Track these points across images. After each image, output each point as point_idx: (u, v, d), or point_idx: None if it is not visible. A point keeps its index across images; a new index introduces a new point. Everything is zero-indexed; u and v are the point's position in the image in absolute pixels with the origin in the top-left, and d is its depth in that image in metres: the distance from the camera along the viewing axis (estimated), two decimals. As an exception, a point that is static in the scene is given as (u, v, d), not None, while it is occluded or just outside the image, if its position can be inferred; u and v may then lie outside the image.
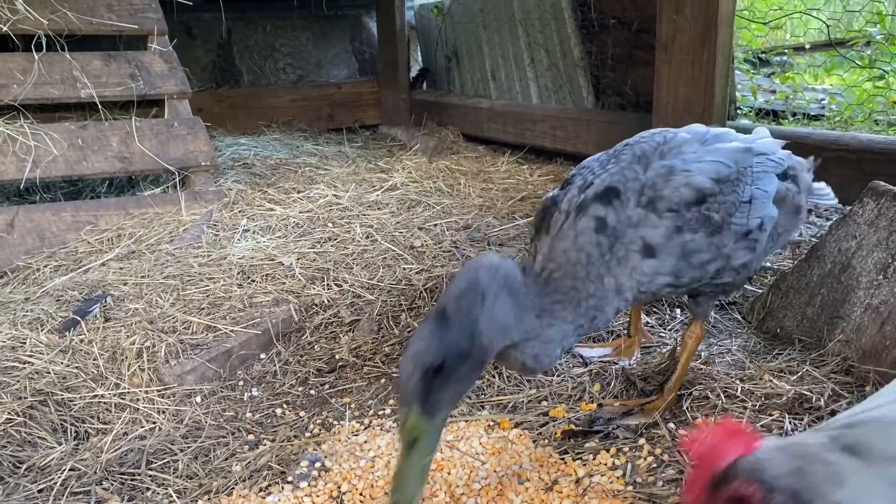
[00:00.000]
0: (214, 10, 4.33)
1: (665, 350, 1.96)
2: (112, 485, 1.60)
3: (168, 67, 3.43)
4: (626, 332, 2.05)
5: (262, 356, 2.14)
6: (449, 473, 1.54)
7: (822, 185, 1.92)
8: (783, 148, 1.78)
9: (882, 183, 1.89)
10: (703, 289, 1.60)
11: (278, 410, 1.89)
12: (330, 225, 2.94)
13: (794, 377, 1.72)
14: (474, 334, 1.29)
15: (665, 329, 2.13)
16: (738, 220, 1.54)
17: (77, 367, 1.95)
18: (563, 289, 1.47)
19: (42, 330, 2.14)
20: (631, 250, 1.47)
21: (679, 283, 1.52)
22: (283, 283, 2.41)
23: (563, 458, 1.57)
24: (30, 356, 1.98)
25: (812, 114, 4.53)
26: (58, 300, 2.34)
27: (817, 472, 0.79)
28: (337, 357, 2.09)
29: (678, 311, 2.23)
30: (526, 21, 4.20)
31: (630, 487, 1.45)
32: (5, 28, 3.09)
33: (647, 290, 1.51)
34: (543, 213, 1.58)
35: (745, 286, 2.30)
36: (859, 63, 4.41)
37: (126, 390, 1.90)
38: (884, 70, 4.19)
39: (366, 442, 1.68)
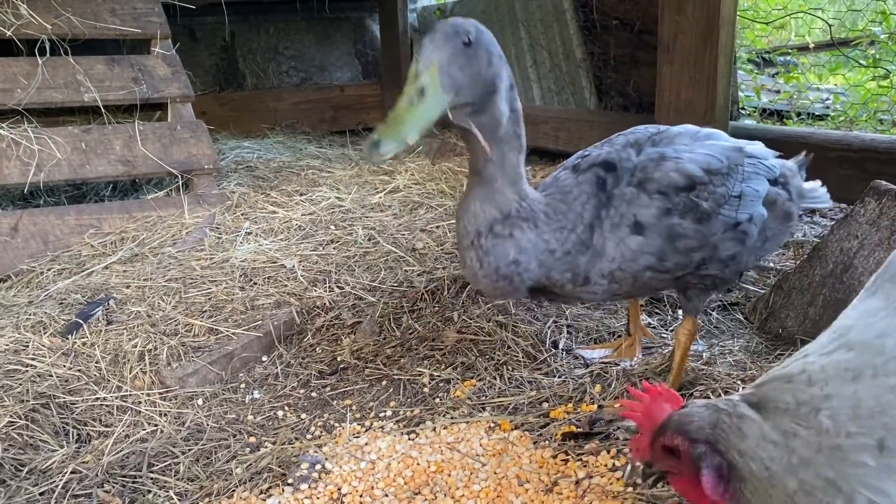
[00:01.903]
0: (217, 14, 4.34)
1: (666, 351, 1.96)
2: (113, 487, 1.60)
3: (171, 71, 3.44)
4: (626, 331, 2.04)
5: (264, 358, 2.14)
6: (449, 475, 1.54)
7: (816, 184, 1.91)
8: (778, 158, 1.80)
9: (884, 182, 1.89)
10: (689, 280, 1.60)
11: (279, 413, 1.89)
12: (332, 227, 2.94)
13: (796, 378, 1.71)
14: (496, 47, 1.42)
15: (667, 330, 2.13)
16: (727, 212, 1.57)
17: (79, 370, 1.96)
18: (553, 205, 1.53)
19: (45, 333, 2.14)
20: (623, 223, 1.52)
21: (662, 268, 1.54)
22: (285, 286, 2.42)
23: (564, 460, 1.56)
24: (32, 359, 1.99)
25: (816, 113, 4.52)
26: (61, 303, 2.34)
27: (729, 426, 0.90)
28: (338, 359, 2.09)
29: (680, 311, 2.22)
30: (528, 22, 4.20)
31: (630, 489, 1.44)
32: (9, 33, 3.11)
33: (627, 270, 1.53)
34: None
35: (747, 286, 2.29)
36: (863, 63, 4.40)
37: (128, 393, 1.91)
38: (887, 70, 4.18)
39: (366, 444, 1.68)
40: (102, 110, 3.21)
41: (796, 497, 0.83)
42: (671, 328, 2.14)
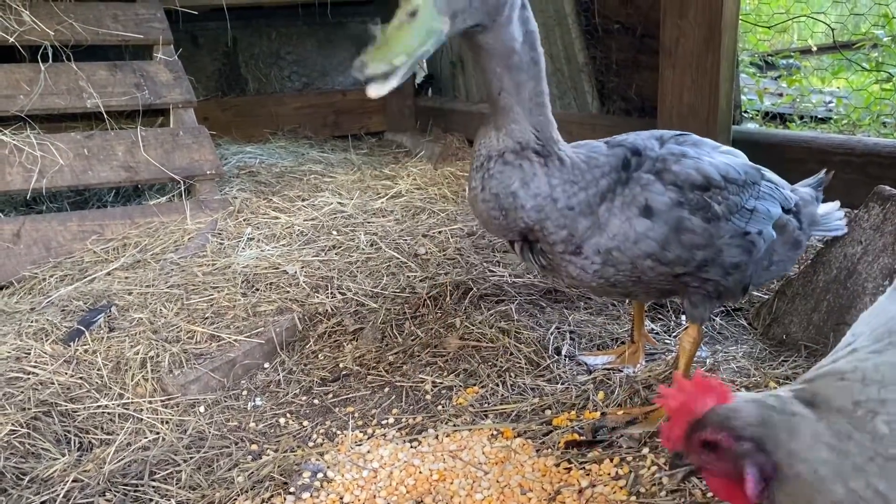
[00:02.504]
0: (220, 19, 4.33)
1: (670, 357, 1.95)
2: (115, 496, 1.60)
3: (173, 77, 3.44)
4: (629, 338, 2.04)
5: (266, 365, 2.14)
6: (452, 483, 1.53)
7: (834, 206, 1.91)
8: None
9: (887, 187, 1.88)
10: (689, 282, 1.59)
11: (282, 420, 1.89)
12: (334, 233, 2.94)
13: (800, 384, 1.70)
14: None
15: (670, 336, 2.12)
16: (738, 220, 1.58)
17: (81, 378, 1.96)
18: (577, 161, 1.54)
19: (47, 340, 2.14)
20: (634, 204, 1.53)
21: (663, 258, 1.54)
22: (287, 292, 2.42)
23: (567, 468, 1.56)
24: (34, 366, 1.99)
25: (819, 116, 4.51)
26: (63, 310, 2.34)
27: (778, 424, 0.85)
28: (341, 366, 2.09)
29: (683, 317, 2.21)
30: (530, 27, 4.20)
31: (633, 497, 1.44)
32: (12, 39, 3.11)
33: (626, 253, 1.52)
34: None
35: (751, 291, 2.28)
36: (866, 66, 4.39)
37: (130, 400, 1.90)
38: (890, 73, 4.17)
39: (368, 452, 1.67)
40: (105, 116, 3.21)
41: (864, 494, 0.79)
42: (674, 334, 2.13)
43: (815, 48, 5.40)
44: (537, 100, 1.49)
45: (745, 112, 4.40)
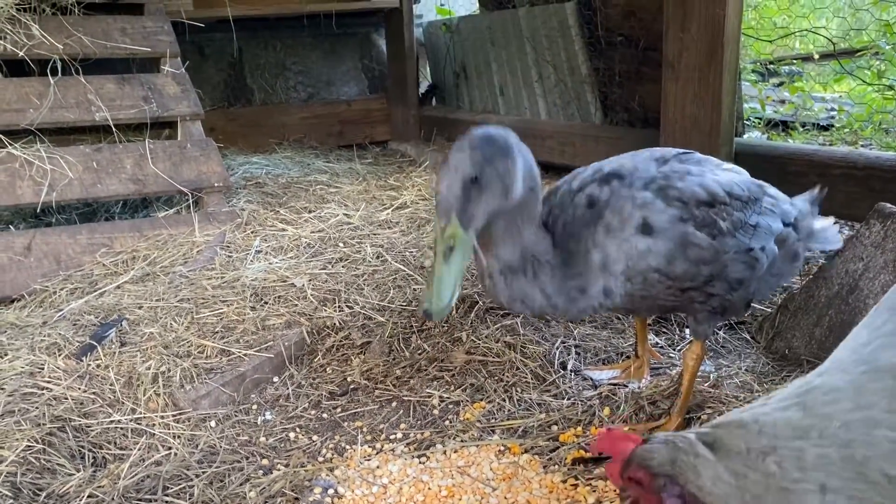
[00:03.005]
0: (226, 31, 4.38)
1: (674, 372, 1.98)
2: (129, 511, 1.63)
3: (181, 89, 3.48)
4: (634, 352, 2.06)
5: (275, 379, 2.17)
6: (460, 500, 1.56)
7: (828, 222, 1.91)
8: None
9: (888, 205, 1.91)
10: (695, 297, 1.62)
11: (291, 434, 1.92)
12: (341, 245, 2.97)
13: (802, 400, 1.73)
14: (508, 157, 1.43)
15: (675, 350, 2.15)
16: (742, 237, 1.61)
17: (94, 393, 1.99)
18: (560, 256, 1.56)
19: (59, 355, 2.17)
20: (628, 223, 1.54)
21: (670, 273, 1.56)
22: (296, 305, 2.45)
23: (573, 485, 1.58)
24: (48, 382, 2.02)
25: (822, 124, 4.53)
26: (74, 324, 2.37)
27: (686, 463, 1.00)
28: (349, 380, 2.12)
29: (687, 330, 2.24)
30: (533, 38, 4.23)
31: (639, 514, 1.46)
32: (21, 53, 3.15)
33: (636, 268, 1.55)
34: (554, 191, 1.71)
35: (753, 305, 2.31)
36: (868, 76, 4.41)
37: (142, 415, 1.93)
38: (891, 84, 4.19)
39: (378, 467, 1.70)
40: (113, 129, 3.25)
41: None
42: (679, 348, 2.16)
43: (816, 56, 5.43)
44: (528, 229, 1.54)
45: (748, 120, 4.43)
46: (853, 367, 0.96)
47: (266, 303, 2.48)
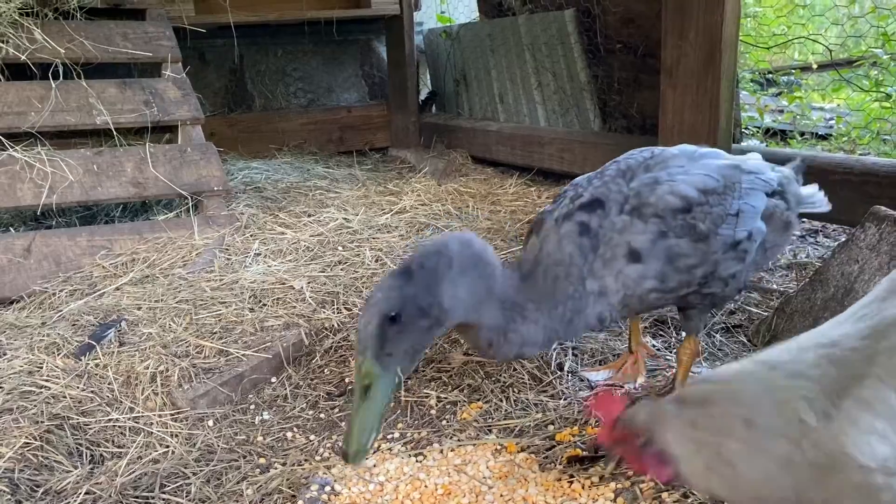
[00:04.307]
0: (227, 37, 4.41)
1: (670, 373, 1.98)
2: (126, 508, 1.63)
3: (182, 94, 3.50)
4: (628, 348, 2.07)
5: (273, 380, 2.17)
6: (457, 497, 1.56)
7: (813, 189, 1.91)
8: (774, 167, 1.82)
9: (883, 208, 1.92)
10: (691, 299, 1.63)
11: (289, 434, 1.92)
12: (340, 248, 2.98)
13: (798, 401, 1.73)
14: (435, 293, 1.38)
15: (671, 352, 2.16)
16: (725, 231, 1.58)
17: (92, 392, 1.99)
18: (542, 290, 1.54)
19: (58, 354, 2.18)
20: (617, 254, 1.53)
21: (666, 289, 1.56)
22: (294, 307, 2.45)
23: (569, 482, 1.59)
24: (46, 380, 2.02)
25: (820, 133, 4.56)
26: (73, 325, 2.38)
27: (657, 420, 1.13)
28: (346, 381, 2.12)
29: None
30: (533, 46, 4.26)
31: (635, 511, 1.47)
32: (24, 57, 3.17)
33: (633, 294, 1.55)
34: (535, 224, 1.68)
35: (750, 309, 2.32)
36: (866, 84, 4.44)
37: (140, 414, 1.94)
38: (888, 93, 4.22)
39: (375, 466, 1.71)
40: (114, 133, 3.27)
41: (709, 463, 1.07)
42: (675, 350, 2.16)
43: (815, 65, 5.46)
44: (488, 284, 1.49)
45: (746, 129, 4.46)
46: (806, 340, 1.09)
47: (264, 304, 2.49)
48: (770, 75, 5.45)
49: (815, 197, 1.89)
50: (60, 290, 2.70)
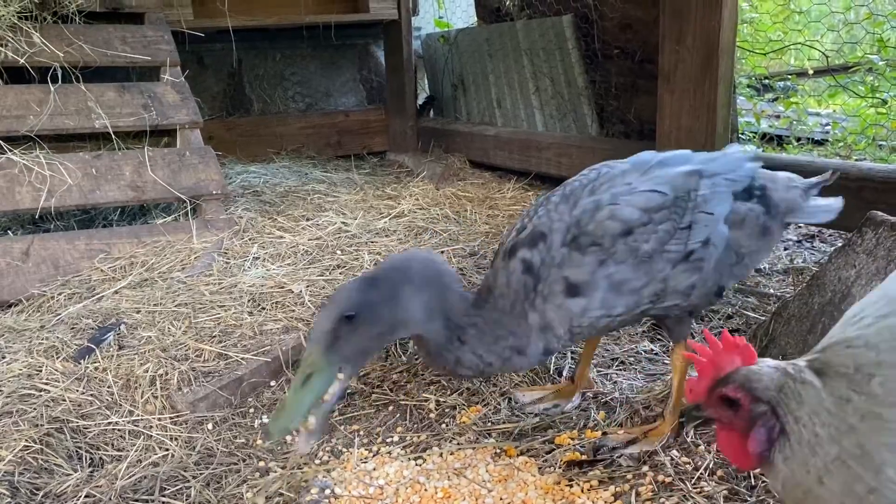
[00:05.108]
0: (225, 41, 4.42)
1: (668, 378, 1.99)
2: (126, 511, 1.63)
3: (180, 98, 3.50)
4: (569, 378, 2.03)
5: (273, 383, 2.18)
6: (456, 501, 1.57)
7: (828, 202, 1.82)
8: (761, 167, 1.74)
9: (880, 213, 1.93)
10: (654, 313, 1.62)
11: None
12: (338, 252, 2.98)
13: (796, 405, 1.74)
14: (392, 304, 1.46)
15: (668, 356, 2.16)
16: (675, 246, 1.54)
17: (92, 395, 1.99)
18: (488, 319, 1.57)
19: (57, 358, 2.18)
20: (555, 290, 1.53)
21: (614, 314, 1.55)
22: (293, 311, 2.46)
23: (569, 486, 1.59)
24: (46, 384, 2.02)
25: (816, 139, 4.58)
26: (72, 328, 2.38)
27: (791, 391, 0.93)
28: (346, 384, 2.13)
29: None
30: (531, 51, 4.28)
31: (634, 515, 1.47)
32: (22, 60, 3.17)
33: (582, 325, 1.55)
34: (496, 253, 1.71)
35: (747, 313, 2.33)
36: (861, 90, 4.46)
37: (140, 417, 1.94)
38: (883, 99, 4.24)
39: (374, 469, 1.71)
40: (113, 136, 3.27)
41: (832, 466, 0.86)
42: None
43: (811, 71, 5.48)
44: (441, 303, 1.55)
45: (742, 134, 4.47)
46: None
47: (263, 308, 2.49)
48: (767, 81, 5.47)
49: (819, 208, 1.81)
50: (59, 293, 2.70)
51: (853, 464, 0.85)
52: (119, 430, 1.89)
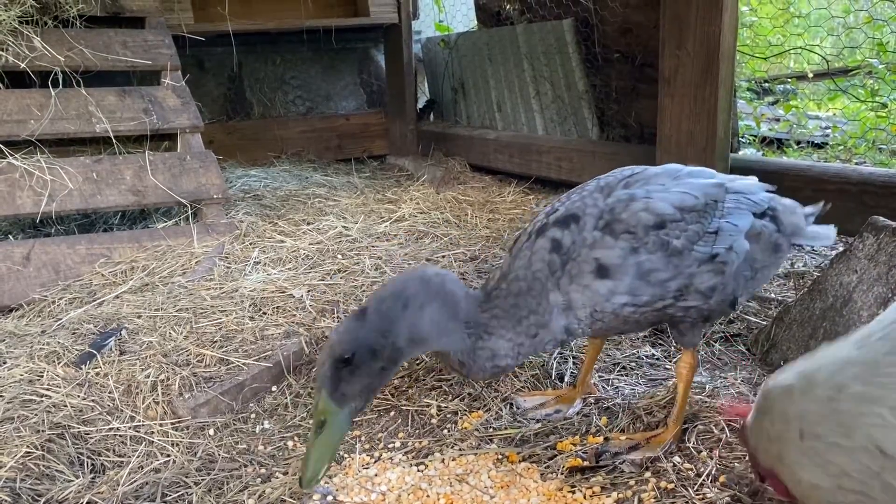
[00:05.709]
0: (226, 45, 4.43)
1: (671, 383, 1.99)
2: (128, 518, 1.63)
3: (181, 102, 3.51)
4: (570, 384, 2.04)
5: (274, 389, 2.18)
6: (458, 507, 1.57)
7: (824, 229, 1.87)
8: (770, 192, 1.81)
9: (881, 218, 1.93)
10: (673, 312, 1.63)
11: (289, 443, 1.92)
12: (339, 256, 2.98)
13: (798, 410, 1.74)
14: (389, 335, 1.46)
15: (671, 362, 2.17)
16: (702, 248, 1.58)
17: (93, 401, 1.99)
18: (505, 305, 1.57)
19: (59, 363, 2.18)
20: (584, 270, 1.55)
21: (639, 302, 1.56)
22: (294, 316, 2.46)
23: (571, 492, 1.59)
24: (47, 389, 2.02)
25: (816, 142, 4.58)
26: (73, 333, 2.38)
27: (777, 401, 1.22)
28: (347, 389, 2.12)
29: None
30: (531, 55, 4.28)
31: (636, 521, 1.47)
32: (23, 65, 3.17)
33: (604, 310, 1.56)
34: (516, 239, 1.70)
35: (749, 318, 2.33)
36: (861, 94, 4.47)
37: (141, 423, 1.94)
38: (885, 100, 4.24)
39: (376, 475, 1.71)
40: (113, 141, 3.27)
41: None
42: (675, 360, 2.17)
43: (811, 75, 5.49)
44: (453, 311, 1.54)
45: (742, 138, 4.48)
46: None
47: (265, 313, 2.49)
48: (766, 84, 5.48)
49: (819, 233, 1.87)
50: (60, 298, 2.70)
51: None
52: (120, 435, 1.89)
